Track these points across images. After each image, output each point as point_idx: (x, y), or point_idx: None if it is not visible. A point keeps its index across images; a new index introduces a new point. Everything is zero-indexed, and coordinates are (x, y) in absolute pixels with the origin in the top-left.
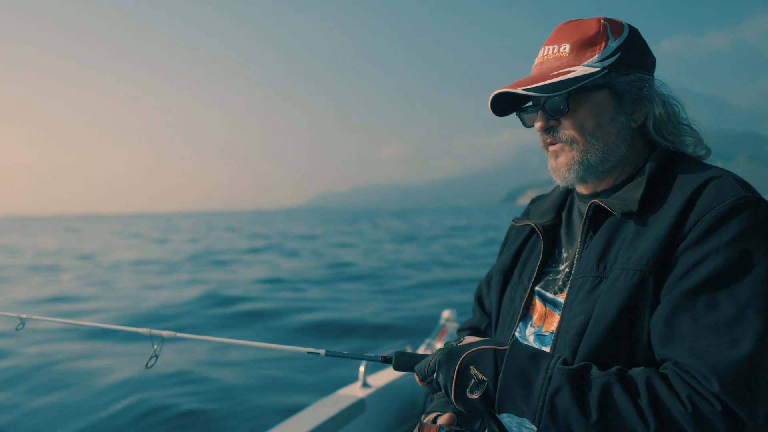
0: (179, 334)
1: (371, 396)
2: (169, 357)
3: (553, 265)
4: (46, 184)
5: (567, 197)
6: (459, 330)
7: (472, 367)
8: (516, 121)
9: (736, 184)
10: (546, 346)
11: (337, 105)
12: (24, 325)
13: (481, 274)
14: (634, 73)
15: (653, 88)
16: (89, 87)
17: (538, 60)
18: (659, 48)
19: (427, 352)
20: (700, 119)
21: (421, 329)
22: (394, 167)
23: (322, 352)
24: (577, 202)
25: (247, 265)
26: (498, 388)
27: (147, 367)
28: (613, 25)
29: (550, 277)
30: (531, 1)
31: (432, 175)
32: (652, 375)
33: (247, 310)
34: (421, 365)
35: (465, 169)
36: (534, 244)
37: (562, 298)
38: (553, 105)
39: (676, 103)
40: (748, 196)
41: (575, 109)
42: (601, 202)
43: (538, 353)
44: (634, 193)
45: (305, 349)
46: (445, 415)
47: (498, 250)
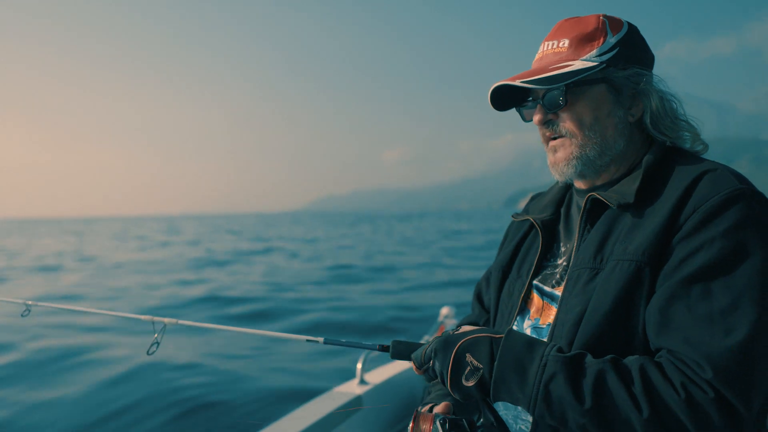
0: (181, 321)
1: (368, 393)
2: (170, 345)
3: (552, 259)
4: (46, 186)
5: (566, 194)
6: (457, 326)
7: (468, 355)
8: (517, 124)
9: (732, 176)
10: (543, 338)
11: (339, 107)
12: (30, 311)
13: (481, 274)
14: (632, 68)
15: (651, 83)
16: (90, 87)
17: (537, 56)
18: (663, 51)
19: None
20: (704, 123)
21: (419, 329)
22: (395, 170)
23: (321, 340)
24: (575, 198)
25: (247, 266)
26: (493, 375)
27: (148, 354)
28: (612, 22)
29: (548, 271)
30: (533, 3)
31: (433, 179)
32: (647, 363)
33: (248, 312)
34: (417, 353)
35: (466, 173)
36: (533, 239)
37: (559, 292)
38: (551, 98)
39: (674, 99)
40: (743, 188)
41: (573, 103)
42: (599, 194)
43: (533, 341)
44: (630, 185)
45: (304, 337)
46: (441, 404)
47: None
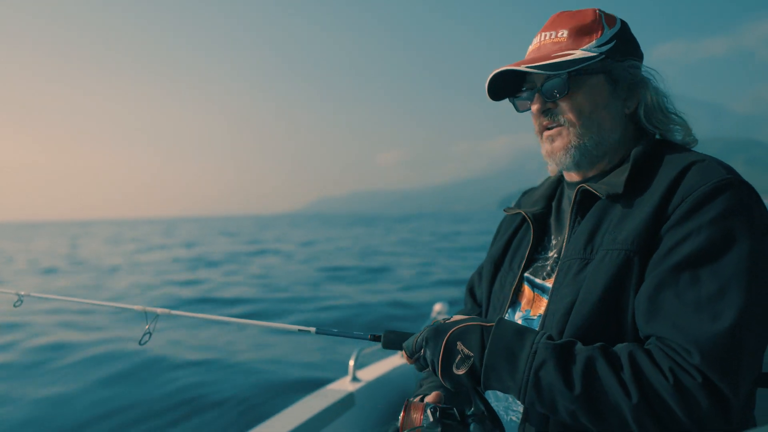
0: (173, 312)
1: (361, 390)
2: (163, 337)
3: (543, 252)
4: (43, 189)
5: (557, 188)
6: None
7: (458, 343)
8: (512, 125)
9: (719, 167)
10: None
11: (336, 109)
12: (22, 301)
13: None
14: (629, 60)
15: (645, 76)
16: (90, 88)
17: (534, 46)
18: (656, 52)
19: None
20: (699, 125)
21: (412, 328)
22: (392, 172)
23: (313, 330)
24: (566, 191)
25: (241, 268)
26: (484, 363)
27: (140, 344)
28: (606, 17)
29: (539, 264)
30: (530, 4)
31: (429, 180)
32: (636, 349)
33: (242, 313)
34: (408, 342)
35: (462, 174)
36: (525, 232)
37: (550, 283)
38: (551, 86)
39: (664, 94)
40: (730, 178)
41: (574, 92)
42: (588, 186)
43: (523, 329)
44: (620, 177)
45: (296, 327)
46: (432, 394)
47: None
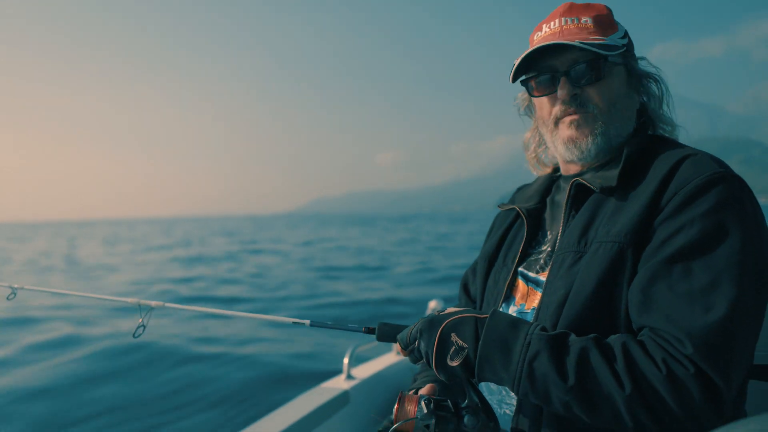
0: (168, 305)
1: (355, 388)
2: (157, 330)
3: (536, 246)
4: (38, 189)
5: (551, 184)
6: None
7: (453, 334)
8: (509, 126)
9: (712, 161)
10: None
11: (335, 110)
12: (15, 294)
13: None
14: (641, 58)
15: (653, 72)
16: (83, 91)
17: (552, 30)
18: (653, 52)
19: None
20: (696, 125)
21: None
22: (389, 173)
23: (307, 322)
24: (562, 184)
25: (237, 268)
26: (478, 354)
27: (134, 337)
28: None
29: (532, 258)
30: (527, 7)
31: (426, 181)
32: (629, 340)
33: (239, 309)
34: (403, 334)
35: (459, 175)
36: (519, 228)
37: (543, 277)
38: (581, 71)
39: (667, 90)
40: (723, 172)
41: (606, 78)
42: (583, 179)
43: (517, 320)
44: (613, 170)
45: (290, 319)
46: (426, 386)
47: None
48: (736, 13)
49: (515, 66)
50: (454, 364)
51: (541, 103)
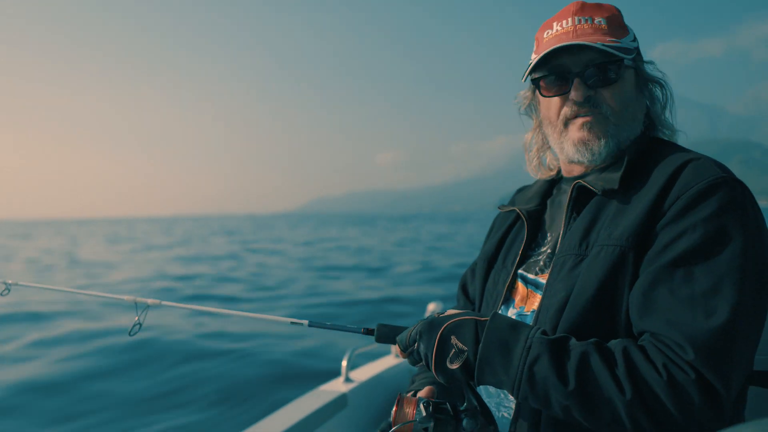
0: (164, 302)
1: (354, 391)
2: (154, 328)
3: (536, 248)
4: (39, 188)
5: (552, 186)
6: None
7: (452, 337)
8: (509, 126)
9: (714, 165)
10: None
11: (336, 110)
12: (9, 290)
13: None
14: (649, 62)
15: (659, 77)
16: (83, 91)
17: (566, 28)
18: (654, 52)
19: None
20: (696, 125)
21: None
22: (389, 173)
23: (306, 322)
24: (563, 186)
25: (236, 267)
26: (478, 357)
27: (130, 335)
28: None
29: (532, 259)
30: (527, 7)
31: (426, 181)
32: (630, 345)
33: (238, 309)
34: (402, 336)
35: (459, 175)
36: (519, 230)
37: (543, 279)
38: (598, 73)
39: (671, 95)
40: (725, 176)
41: (620, 81)
42: (584, 182)
43: (517, 324)
44: (615, 172)
45: (289, 320)
46: (425, 389)
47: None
48: (736, 13)
49: (533, 64)
50: (454, 367)
51: (550, 103)
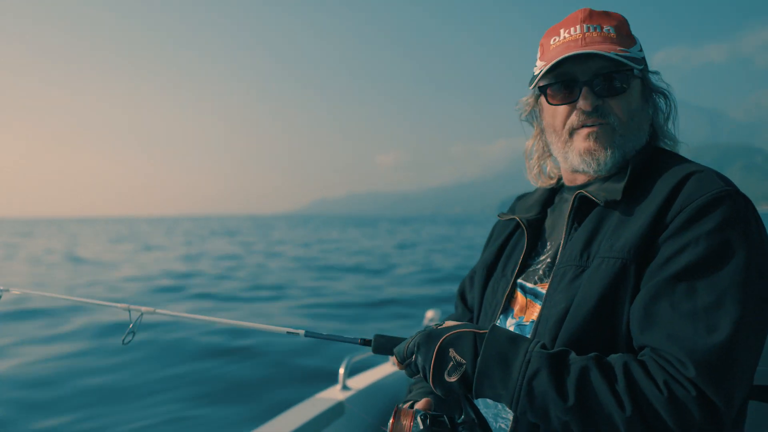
0: (158, 311)
1: (351, 399)
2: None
3: (536, 257)
4: (39, 188)
5: (553, 194)
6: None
7: (451, 350)
8: (510, 129)
9: (717, 178)
10: (526, 335)
11: (336, 111)
12: (0, 296)
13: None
14: (655, 72)
15: (663, 87)
16: (83, 91)
17: (575, 35)
18: (658, 57)
19: None
20: (698, 130)
21: (405, 334)
22: (389, 174)
23: (302, 332)
24: (565, 195)
25: (235, 267)
26: (476, 370)
27: (124, 343)
28: None
29: (531, 268)
30: (529, 9)
31: (427, 183)
32: (630, 360)
33: (238, 312)
34: (399, 347)
35: (460, 177)
36: (518, 238)
37: (542, 288)
38: (607, 82)
39: (675, 105)
40: (729, 190)
41: (628, 91)
42: (587, 192)
43: (517, 337)
44: (618, 183)
45: (284, 329)
46: (422, 401)
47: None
48: (739, 20)
49: (543, 71)
50: (452, 380)
51: (556, 111)
